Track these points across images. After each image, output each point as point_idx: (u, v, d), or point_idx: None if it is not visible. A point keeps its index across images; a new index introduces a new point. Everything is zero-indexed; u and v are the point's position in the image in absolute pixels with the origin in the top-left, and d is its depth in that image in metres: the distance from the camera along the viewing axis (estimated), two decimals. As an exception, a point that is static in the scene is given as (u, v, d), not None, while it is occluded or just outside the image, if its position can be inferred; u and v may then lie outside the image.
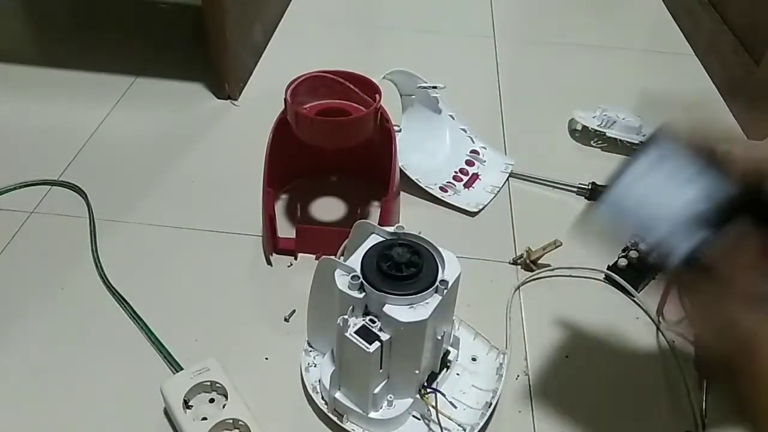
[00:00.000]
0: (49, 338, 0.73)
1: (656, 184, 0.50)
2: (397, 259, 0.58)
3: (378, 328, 0.58)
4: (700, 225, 0.47)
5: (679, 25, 1.47)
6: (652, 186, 0.50)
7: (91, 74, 1.18)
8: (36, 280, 0.80)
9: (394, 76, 0.92)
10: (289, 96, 0.77)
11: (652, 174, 0.50)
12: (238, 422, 0.62)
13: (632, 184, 0.50)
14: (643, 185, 0.50)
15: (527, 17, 1.53)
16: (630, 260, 0.84)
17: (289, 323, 0.76)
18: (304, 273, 0.74)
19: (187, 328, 0.75)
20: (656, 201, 0.49)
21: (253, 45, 1.24)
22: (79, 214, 0.89)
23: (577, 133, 1.10)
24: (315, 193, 0.95)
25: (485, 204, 0.94)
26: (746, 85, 1.14)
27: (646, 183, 0.50)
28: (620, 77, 1.30)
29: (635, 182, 0.50)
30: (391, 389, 0.63)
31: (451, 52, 1.34)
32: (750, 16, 1.18)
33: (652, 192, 0.49)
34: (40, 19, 1.40)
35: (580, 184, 0.97)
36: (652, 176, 0.50)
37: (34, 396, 0.68)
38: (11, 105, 1.10)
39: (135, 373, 0.70)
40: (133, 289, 0.78)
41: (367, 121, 0.78)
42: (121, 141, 1.04)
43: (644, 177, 0.50)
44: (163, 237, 0.87)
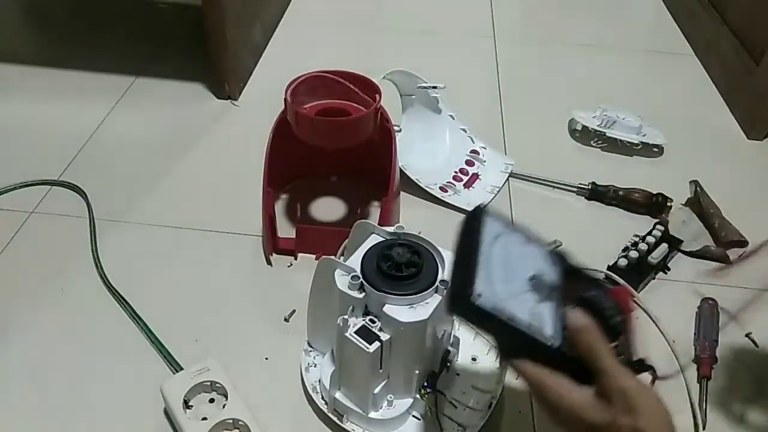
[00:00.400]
0: (49, 338, 0.73)
1: (504, 268, 0.50)
2: (397, 259, 0.58)
3: (378, 328, 0.58)
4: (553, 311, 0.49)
5: (679, 25, 1.47)
6: (500, 272, 0.50)
7: (91, 74, 1.18)
8: (36, 280, 0.80)
9: (394, 76, 0.92)
10: (289, 96, 0.77)
11: (496, 260, 0.51)
12: (238, 422, 0.62)
13: (484, 276, 0.49)
14: (493, 273, 0.49)
15: (527, 17, 1.53)
16: (630, 260, 0.84)
17: (289, 323, 0.76)
18: (304, 273, 0.74)
19: (187, 328, 0.75)
20: (508, 289, 0.49)
21: (253, 45, 1.24)
22: (79, 214, 0.89)
23: (577, 133, 1.10)
24: (315, 193, 0.95)
25: (485, 204, 0.94)
26: (746, 85, 1.14)
27: (494, 270, 0.50)
28: (620, 77, 1.30)
29: (485, 272, 0.49)
30: (391, 389, 0.63)
31: (451, 52, 1.34)
32: (750, 17, 1.18)
33: (504, 277, 0.50)
34: (40, 19, 1.41)
35: (580, 184, 0.97)
36: (497, 262, 0.50)
37: (34, 396, 0.68)
38: (11, 105, 1.10)
39: (135, 373, 0.70)
40: (133, 289, 0.78)
41: (367, 121, 0.78)
42: (121, 141, 1.04)
43: (490, 264, 0.50)
44: (163, 237, 0.87)
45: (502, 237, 0.52)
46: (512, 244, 0.53)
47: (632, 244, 0.86)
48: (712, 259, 0.88)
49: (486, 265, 0.50)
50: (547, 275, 0.51)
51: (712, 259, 0.88)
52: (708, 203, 0.93)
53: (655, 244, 0.85)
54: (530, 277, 0.50)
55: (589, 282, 0.53)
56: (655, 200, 0.93)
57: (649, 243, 0.85)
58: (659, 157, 1.07)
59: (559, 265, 0.53)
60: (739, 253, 0.88)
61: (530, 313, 0.48)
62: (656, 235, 0.87)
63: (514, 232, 0.54)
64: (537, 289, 0.50)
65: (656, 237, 0.87)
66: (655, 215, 0.93)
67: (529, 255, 0.52)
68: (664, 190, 0.94)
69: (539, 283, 0.50)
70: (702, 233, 0.90)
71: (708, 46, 1.32)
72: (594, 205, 0.96)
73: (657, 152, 1.08)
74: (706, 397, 0.70)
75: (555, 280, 0.51)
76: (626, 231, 0.89)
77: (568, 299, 0.50)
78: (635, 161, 1.06)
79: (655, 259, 0.83)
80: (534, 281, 0.50)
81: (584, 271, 0.54)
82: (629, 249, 0.85)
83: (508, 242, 0.52)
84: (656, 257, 0.83)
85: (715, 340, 0.75)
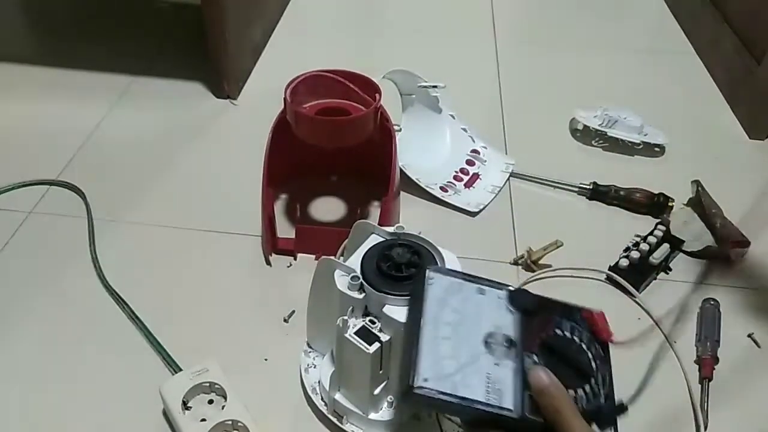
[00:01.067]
0: (49, 338, 0.73)
1: (454, 335, 0.48)
2: (397, 260, 0.58)
3: (378, 328, 0.57)
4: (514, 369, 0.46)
5: (680, 24, 1.47)
6: (450, 342, 0.47)
7: (91, 74, 1.18)
8: (34, 281, 0.79)
9: (394, 75, 0.92)
10: (288, 95, 0.77)
11: (444, 328, 0.48)
12: (237, 423, 0.62)
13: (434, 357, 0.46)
14: (440, 347, 0.47)
15: (527, 17, 1.53)
16: (631, 260, 0.83)
17: (288, 323, 0.76)
18: (303, 273, 0.74)
19: (187, 328, 0.74)
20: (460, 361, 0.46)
21: (252, 45, 1.23)
22: (77, 214, 0.89)
23: (578, 133, 1.09)
24: (315, 193, 0.94)
25: (486, 204, 0.94)
26: (748, 84, 1.14)
27: (442, 343, 0.47)
28: (621, 76, 1.30)
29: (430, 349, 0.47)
30: (391, 390, 0.63)
31: (451, 52, 1.34)
32: (752, 15, 1.18)
33: (453, 347, 0.47)
34: (40, 19, 1.40)
35: (581, 184, 0.97)
36: (445, 331, 0.48)
37: (33, 396, 0.67)
38: (11, 105, 1.10)
39: (134, 373, 0.70)
40: (133, 289, 0.78)
41: (367, 121, 0.77)
42: (120, 141, 1.03)
43: (437, 336, 0.47)
44: (162, 237, 0.86)
45: (452, 296, 0.50)
46: (464, 300, 0.50)
47: (634, 245, 0.86)
48: (714, 259, 0.87)
49: (432, 338, 0.47)
50: (504, 327, 0.48)
51: (714, 259, 0.87)
52: (709, 203, 0.92)
53: (656, 245, 0.85)
54: (486, 335, 0.48)
55: (557, 312, 0.50)
56: (656, 200, 0.93)
57: (651, 243, 0.85)
58: (661, 157, 1.07)
59: (517, 309, 0.50)
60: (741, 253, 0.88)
61: (487, 380, 0.45)
62: (658, 236, 0.87)
63: (465, 285, 0.51)
64: (492, 350, 0.47)
65: (658, 237, 0.86)
66: (656, 215, 0.93)
67: (484, 307, 0.49)
68: (665, 190, 0.94)
69: (495, 341, 0.47)
70: (703, 233, 0.90)
71: (709, 45, 1.32)
72: (595, 205, 0.96)
73: (658, 152, 1.07)
74: (708, 398, 0.70)
75: (512, 331, 0.48)
76: (628, 231, 0.89)
77: (532, 346, 0.47)
78: (637, 161, 1.05)
79: (657, 260, 0.83)
80: (489, 339, 0.48)
81: (549, 304, 0.51)
82: (631, 249, 0.85)
83: (460, 299, 0.50)
84: (658, 257, 0.83)
85: (716, 341, 0.75)
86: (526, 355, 0.47)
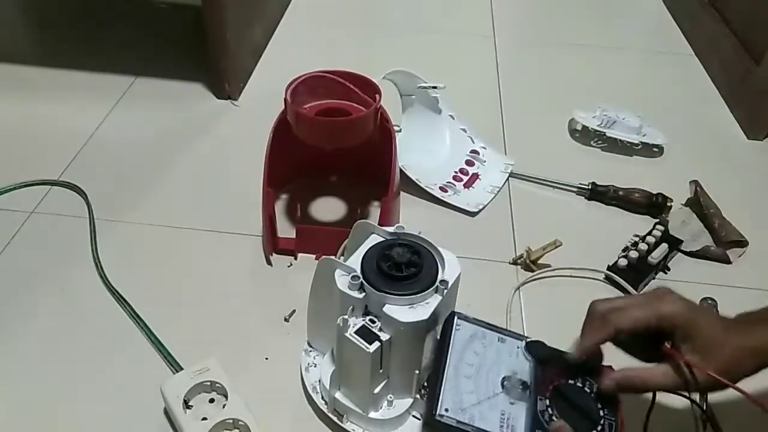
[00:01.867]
0: (49, 338, 0.73)
1: (476, 374, 0.54)
2: (397, 259, 0.58)
3: (378, 328, 0.58)
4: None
5: (679, 24, 1.47)
6: (471, 379, 0.54)
7: (91, 74, 1.18)
8: (36, 280, 0.80)
9: (394, 76, 0.92)
10: (289, 96, 0.77)
11: (467, 367, 0.54)
12: (238, 422, 0.62)
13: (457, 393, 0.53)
14: (461, 383, 0.54)
15: (527, 17, 1.53)
16: (630, 260, 0.84)
17: (289, 323, 0.76)
18: (304, 273, 0.74)
19: (187, 328, 0.75)
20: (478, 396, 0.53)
21: (253, 45, 1.24)
22: (79, 214, 0.89)
23: (577, 133, 1.10)
24: (315, 193, 0.95)
25: (485, 204, 0.94)
26: (746, 84, 1.14)
27: (463, 380, 0.54)
28: (620, 77, 1.30)
29: (453, 384, 0.53)
30: (391, 389, 0.63)
31: (451, 52, 1.34)
32: (750, 16, 1.18)
33: (474, 383, 0.54)
34: (40, 19, 1.41)
35: (580, 184, 0.97)
36: (467, 370, 0.54)
37: (34, 396, 0.68)
38: (11, 105, 1.10)
39: (135, 373, 0.70)
40: (134, 288, 0.78)
41: (367, 121, 0.78)
42: (121, 141, 1.04)
43: (459, 373, 0.54)
44: (163, 237, 0.87)
45: (475, 341, 0.56)
46: (486, 346, 0.56)
47: (632, 244, 0.86)
48: (712, 259, 0.88)
49: (455, 375, 0.54)
50: (520, 372, 0.54)
51: (712, 259, 0.88)
52: (708, 203, 0.93)
53: (655, 244, 0.85)
54: (503, 378, 0.54)
55: (567, 368, 0.55)
56: (655, 200, 0.93)
57: (649, 243, 0.85)
58: (659, 157, 1.07)
59: (533, 358, 0.56)
60: (739, 253, 0.88)
61: (502, 416, 0.51)
62: (656, 235, 0.87)
63: (488, 333, 0.57)
64: (509, 391, 0.53)
65: (656, 237, 0.87)
66: (655, 215, 0.93)
67: (503, 353, 0.56)
68: (664, 190, 0.94)
69: (511, 384, 0.53)
70: (702, 233, 0.90)
71: (708, 45, 1.32)
72: (594, 205, 0.96)
73: (657, 152, 1.08)
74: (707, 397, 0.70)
75: (528, 377, 0.54)
76: (626, 231, 0.89)
77: (545, 391, 0.53)
78: (635, 161, 1.06)
79: (655, 259, 0.83)
80: (506, 382, 0.54)
81: (561, 355, 0.56)
82: (629, 249, 0.85)
83: (482, 345, 0.56)
84: (656, 257, 0.83)
85: (715, 340, 0.75)
86: (539, 398, 0.53)
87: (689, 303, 0.52)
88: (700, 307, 0.53)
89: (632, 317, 0.51)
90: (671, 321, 0.50)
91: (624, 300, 0.54)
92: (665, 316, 0.50)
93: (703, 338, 0.50)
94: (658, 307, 0.51)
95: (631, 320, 0.51)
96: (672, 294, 0.52)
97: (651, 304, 0.51)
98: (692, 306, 0.52)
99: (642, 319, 0.51)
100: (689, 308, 0.51)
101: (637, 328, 0.51)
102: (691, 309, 0.51)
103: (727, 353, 0.50)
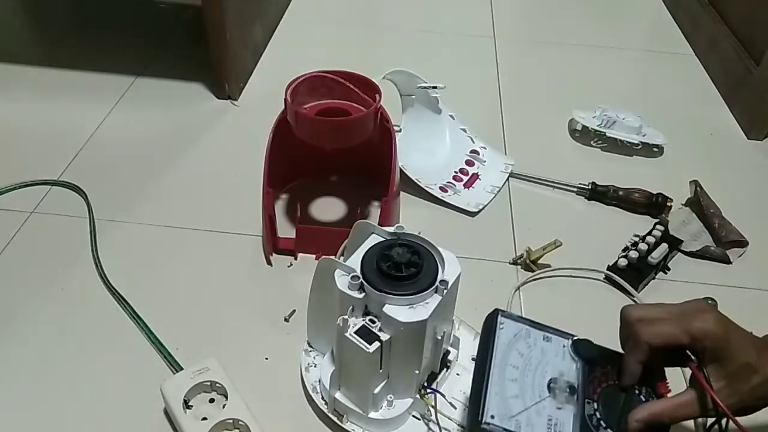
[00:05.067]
0: (49, 338, 0.73)
1: (521, 377, 0.52)
2: (397, 259, 0.58)
3: (378, 328, 0.58)
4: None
5: (679, 24, 1.48)
6: (516, 383, 0.52)
7: (91, 74, 1.18)
8: (36, 280, 0.80)
9: (394, 76, 0.92)
10: (289, 96, 0.77)
11: (511, 369, 0.52)
12: (238, 422, 0.62)
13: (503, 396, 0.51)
14: (507, 388, 0.51)
15: (527, 17, 1.53)
16: (630, 260, 0.84)
17: (289, 323, 0.76)
18: (304, 273, 0.74)
19: (187, 328, 0.75)
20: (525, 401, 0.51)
21: (253, 45, 1.24)
22: (79, 214, 0.89)
23: (577, 133, 1.10)
24: (315, 193, 0.95)
25: (485, 204, 0.94)
26: (746, 84, 1.15)
27: (509, 383, 0.51)
28: (620, 77, 1.30)
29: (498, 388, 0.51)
30: (391, 389, 0.63)
31: (451, 52, 1.34)
32: (750, 16, 1.18)
33: (520, 387, 0.51)
34: (40, 19, 1.41)
35: (580, 184, 0.97)
36: (512, 372, 0.52)
37: (34, 396, 0.68)
38: (11, 105, 1.10)
39: (135, 373, 0.70)
40: (134, 288, 0.79)
41: (367, 121, 0.78)
42: (121, 141, 1.04)
43: (504, 377, 0.52)
44: (163, 237, 0.87)
45: (519, 340, 0.53)
46: (531, 346, 0.53)
47: (632, 244, 0.86)
48: (712, 259, 0.88)
49: (500, 379, 0.51)
50: (567, 374, 0.52)
51: (712, 259, 0.88)
52: (708, 203, 0.93)
53: (655, 244, 0.85)
54: (549, 380, 0.51)
55: (620, 363, 0.52)
56: (655, 200, 0.93)
57: (649, 243, 0.85)
58: (659, 157, 1.07)
59: (580, 358, 0.53)
60: (739, 253, 0.88)
61: (549, 421, 0.49)
62: (656, 235, 0.87)
63: (532, 331, 0.54)
64: (556, 394, 0.51)
65: (656, 237, 0.87)
66: (655, 215, 0.93)
67: (549, 353, 0.53)
68: (664, 190, 0.94)
69: (558, 387, 0.51)
70: (702, 233, 0.90)
71: (708, 45, 1.32)
72: (594, 205, 0.96)
73: (657, 152, 1.08)
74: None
75: (575, 379, 0.52)
76: (626, 231, 0.89)
77: (593, 394, 0.51)
78: (635, 161, 1.06)
79: (655, 259, 0.83)
80: (552, 384, 0.51)
81: (611, 354, 0.54)
82: (629, 249, 0.85)
83: (527, 345, 0.53)
84: (656, 257, 0.83)
85: (715, 340, 0.75)
86: (586, 402, 0.50)
87: (723, 322, 0.49)
88: (734, 327, 0.49)
89: (662, 333, 0.49)
90: (702, 341, 0.48)
91: (656, 309, 0.51)
92: (696, 335, 0.48)
93: (733, 364, 0.48)
94: (690, 323, 0.48)
95: (661, 336, 0.49)
96: (706, 312, 0.49)
97: (683, 319, 0.49)
98: (726, 325, 0.49)
99: (672, 336, 0.49)
100: (723, 328, 0.48)
101: (666, 344, 0.49)
102: (724, 329, 0.48)
103: (758, 381, 0.48)
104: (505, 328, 0.54)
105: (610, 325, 0.76)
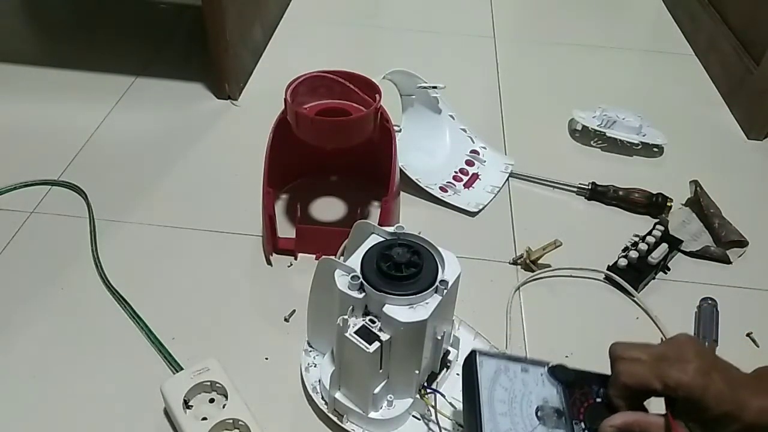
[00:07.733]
0: (49, 338, 0.73)
1: (509, 410, 0.53)
2: (397, 259, 0.58)
3: (378, 328, 0.58)
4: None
5: (679, 24, 1.48)
6: (507, 417, 0.52)
7: (91, 74, 1.18)
8: (36, 280, 0.80)
9: (394, 76, 0.92)
10: (289, 96, 0.77)
11: (499, 405, 0.53)
12: (238, 422, 0.62)
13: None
14: (499, 423, 0.52)
15: (527, 17, 1.53)
16: (630, 260, 0.84)
17: (289, 323, 0.76)
18: (304, 273, 0.74)
19: (187, 328, 0.75)
20: None
21: (253, 45, 1.24)
22: (79, 214, 0.89)
23: (577, 133, 1.10)
24: (315, 193, 0.95)
25: (485, 204, 0.94)
26: (746, 84, 1.15)
27: (500, 418, 0.52)
28: (620, 77, 1.30)
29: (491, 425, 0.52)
30: (391, 389, 0.63)
31: (451, 52, 1.34)
32: (750, 16, 1.18)
33: (510, 421, 0.52)
34: (40, 19, 1.41)
35: (580, 184, 0.97)
36: (500, 407, 0.53)
37: (34, 396, 0.68)
38: (11, 105, 1.10)
39: (135, 373, 0.70)
40: (134, 288, 0.79)
41: (367, 121, 0.78)
42: (121, 141, 1.04)
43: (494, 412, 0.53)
44: (163, 237, 0.87)
45: (500, 375, 0.55)
46: (512, 379, 0.55)
47: (632, 244, 0.86)
48: (712, 259, 0.88)
49: (491, 415, 0.52)
50: (551, 399, 0.53)
51: (712, 259, 0.88)
52: (708, 203, 0.93)
53: (655, 244, 0.85)
54: (536, 408, 0.53)
55: (594, 382, 0.54)
56: (655, 200, 0.93)
57: (649, 243, 0.85)
58: (659, 157, 1.07)
59: (559, 382, 0.54)
60: (739, 253, 0.88)
61: None
62: (656, 235, 0.87)
63: (510, 365, 0.56)
64: (545, 421, 0.52)
65: (656, 237, 0.87)
66: (655, 215, 0.93)
67: (530, 383, 0.55)
68: (664, 190, 0.94)
69: (545, 414, 0.52)
70: (702, 233, 0.90)
71: (708, 45, 1.32)
72: (594, 205, 0.96)
73: (657, 152, 1.08)
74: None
75: (559, 403, 0.53)
76: (626, 231, 0.89)
77: (578, 414, 0.52)
78: (635, 161, 1.06)
79: (655, 259, 0.83)
80: (540, 413, 0.52)
81: (586, 375, 0.55)
82: (629, 249, 0.85)
83: (508, 378, 0.55)
84: (656, 257, 0.83)
85: (714, 340, 0.75)
86: (574, 422, 0.52)
87: (703, 370, 0.47)
88: (716, 376, 0.47)
89: (637, 375, 0.49)
90: (675, 391, 0.47)
91: (638, 350, 0.50)
92: (669, 385, 0.47)
93: (708, 413, 0.47)
94: (665, 371, 0.47)
95: (635, 378, 0.49)
96: (688, 359, 0.47)
97: (660, 365, 0.48)
98: (706, 375, 0.47)
99: (646, 380, 0.48)
100: (701, 380, 0.46)
101: (640, 387, 0.49)
102: (703, 380, 0.46)
103: (737, 428, 0.46)
104: (485, 366, 0.56)
105: (609, 324, 0.76)
